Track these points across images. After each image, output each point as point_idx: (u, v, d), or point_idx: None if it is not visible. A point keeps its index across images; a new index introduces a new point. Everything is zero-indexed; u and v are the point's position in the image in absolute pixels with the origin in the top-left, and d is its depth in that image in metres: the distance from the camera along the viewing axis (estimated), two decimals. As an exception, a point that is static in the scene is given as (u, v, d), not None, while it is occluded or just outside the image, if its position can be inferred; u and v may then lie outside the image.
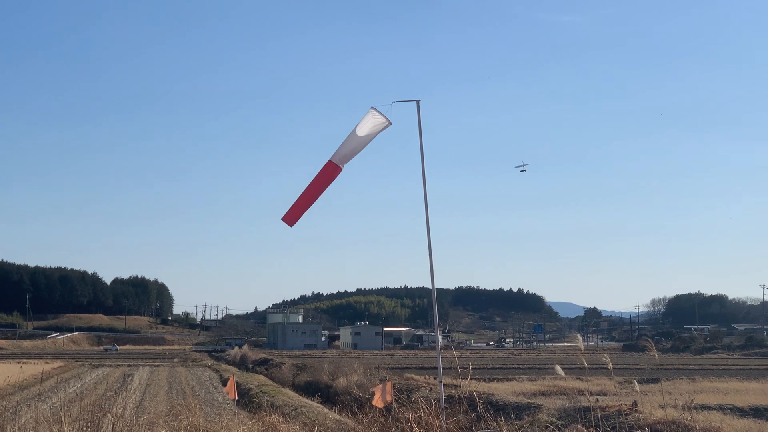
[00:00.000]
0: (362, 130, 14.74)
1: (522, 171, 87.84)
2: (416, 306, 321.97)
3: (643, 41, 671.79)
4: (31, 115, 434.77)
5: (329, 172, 14.91)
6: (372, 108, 14.78)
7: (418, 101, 15.69)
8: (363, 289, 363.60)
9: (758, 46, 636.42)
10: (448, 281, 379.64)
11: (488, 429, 13.55)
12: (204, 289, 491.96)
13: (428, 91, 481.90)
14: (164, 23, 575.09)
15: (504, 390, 41.63)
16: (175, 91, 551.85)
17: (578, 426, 13.70)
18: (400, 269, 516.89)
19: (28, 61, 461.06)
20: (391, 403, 16.55)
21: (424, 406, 13.14)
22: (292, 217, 15.10)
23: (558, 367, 13.39)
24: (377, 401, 16.00)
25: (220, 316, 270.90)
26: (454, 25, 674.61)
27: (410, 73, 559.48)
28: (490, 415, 14.50)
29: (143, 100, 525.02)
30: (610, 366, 12.11)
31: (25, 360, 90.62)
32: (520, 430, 23.18)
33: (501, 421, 13.70)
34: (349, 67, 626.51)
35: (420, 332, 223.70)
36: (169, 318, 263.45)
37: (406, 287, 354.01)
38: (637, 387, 17.45)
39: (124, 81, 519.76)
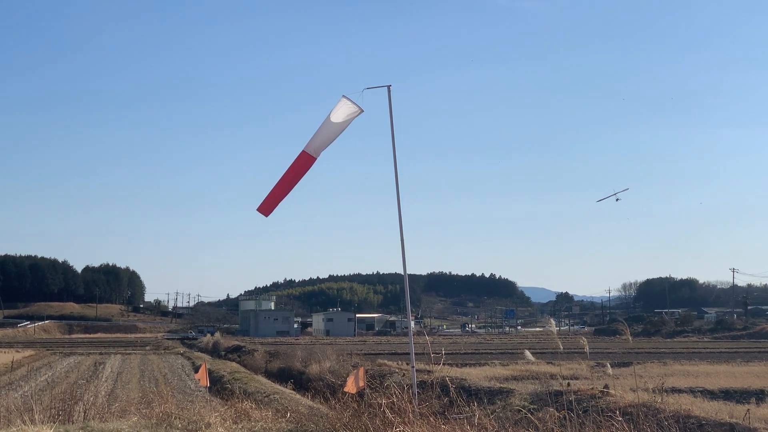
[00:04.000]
0: (336, 119, 14.68)
1: (616, 200, 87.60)
2: (389, 292, 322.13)
3: (605, 26, 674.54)
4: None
5: (303, 162, 14.85)
6: (343, 96, 14.72)
7: (389, 87, 15.63)
8: (335, 275, 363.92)
9: (724, 30, 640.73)
10: (420, 267, 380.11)
11: (461, 414, 13.56)
12: (176, 277, 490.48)
13: (399, 77, 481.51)
14: (134, 5, 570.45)
15: (476, 375, 41.83)
16: (145, 76, 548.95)
17: (550, 409, 13.74)
18: (372, 255, 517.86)
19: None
20: (364, 388, 16.56)
21: (396, 392, 13.12)
22: (267, 207, 15.06)
23: (527, 353, 13.41)
24: (350, 387, 16.01)
25: (192, 304, 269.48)
26: (420, 11, 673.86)
27: (380, 60, 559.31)
28: (463, 399, 14.52)
29: (112, 84, 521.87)
30: (587, 349, 12.16)
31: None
32: (492, 414, 23.25)
33: (474, 405, 13.71)
34: (320, 54, 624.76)
35: (392, 318, 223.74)
36: (141, 306, 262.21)
37: (378, 273, 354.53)
38: (610, 370, 17.50)
39: (93, 64, 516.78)
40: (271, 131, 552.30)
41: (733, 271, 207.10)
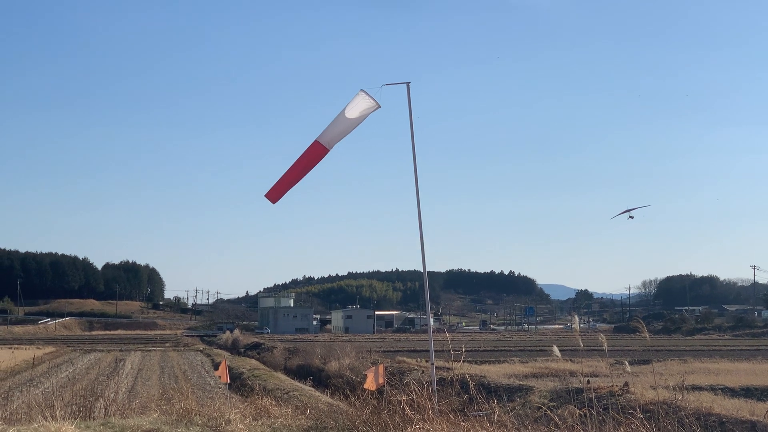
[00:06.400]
0: (351, 113, 14.59)
1: (630, 218, 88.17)
2: (408, 289, 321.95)
3: (620, 23, 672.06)
4: (17, 98, 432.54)
5: (315, 153, 14.80)
6: (361, 90, 14.67)
7: (408, 84, 15.58)
8: (354, 272, 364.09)
9: (741, 28, 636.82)
10: (439, 264, 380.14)
11: (480, 411, 13.55)
12: (195, 274, 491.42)
13: (419, 74, 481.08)
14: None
15: (496, 372, 41.78)
16: (162, 72, 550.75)
17: (570, 407, 13.71)
18: (391, 252, 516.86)
19: (16, 42, 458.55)
20: (384, 386, 16.52)
21: (416, 389, 13.11)
22: (275, 194, 15.03)
23: (555, 348, 13.37)
24: (369, 384, 15.97)
25: (211, 301, 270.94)
26: (438, 8, 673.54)
27: (399, 57, 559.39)
28: (483, 397, 14.52)
29: (131, 82, 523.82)
30: (605, 346, 12.11)
31: (16, 345, 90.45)
32: (512, 411, 23.22)
33: (493, 403, 13.70)
34: (340, 50, 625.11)
35: (412, 315, 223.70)
36: (161, 303, 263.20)
37: (397, 270, 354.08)
38: (629, 368, 17.42)
39: (108, 61, 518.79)
40: (289, 128, 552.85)
41: (754, 269, 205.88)
